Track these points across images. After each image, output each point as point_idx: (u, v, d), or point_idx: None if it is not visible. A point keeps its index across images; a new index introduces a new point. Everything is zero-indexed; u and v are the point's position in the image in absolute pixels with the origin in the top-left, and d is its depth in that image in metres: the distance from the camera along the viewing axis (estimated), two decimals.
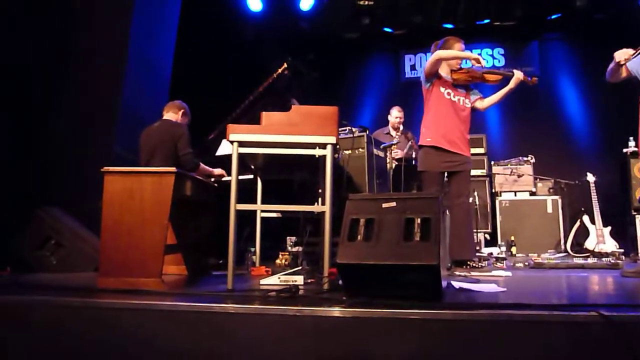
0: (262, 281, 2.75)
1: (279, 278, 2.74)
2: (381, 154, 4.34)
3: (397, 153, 4.62)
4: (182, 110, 3.83)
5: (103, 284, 2.66)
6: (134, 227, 2.72)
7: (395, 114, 5.21)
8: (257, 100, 4.14)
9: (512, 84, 3.58)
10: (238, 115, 4.18)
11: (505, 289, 2.53)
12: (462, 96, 3.63)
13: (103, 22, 4.65)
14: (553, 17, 7.06)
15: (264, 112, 2.75)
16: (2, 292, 2.43)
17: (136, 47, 4.73)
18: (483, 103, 3.73)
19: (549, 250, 5.36)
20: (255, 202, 3.53)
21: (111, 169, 2.80)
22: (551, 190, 5.87)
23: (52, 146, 4.41)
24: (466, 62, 3.64)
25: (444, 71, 3.64)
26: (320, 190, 3.34)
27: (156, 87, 5.07)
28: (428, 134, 3.57)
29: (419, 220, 2.23)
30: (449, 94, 3.59)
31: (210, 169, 3.86)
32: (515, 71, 3.59)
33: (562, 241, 5.44)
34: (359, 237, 2.26)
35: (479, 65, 3.46)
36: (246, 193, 3.21)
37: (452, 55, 3.49)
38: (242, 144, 2.68)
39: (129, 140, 4.09)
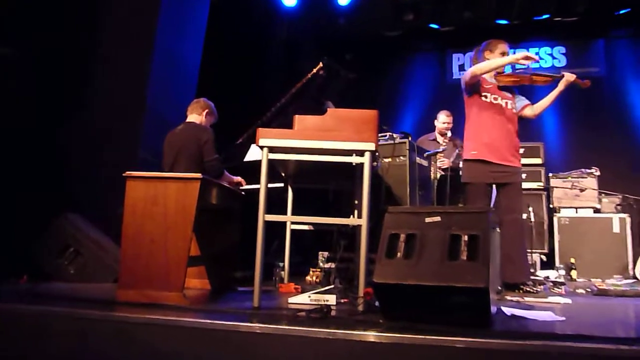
0: (291, 299, 2.76)
1: (309, 296, 2.74)
2: (425, 162, 4.31)
3: (443, 162, 4.57)
4: (206, 110, 3.87)
5: (122, 297, 2.72)
6: (157, 237, 2.78)
7: (443, 119, 5.15)
8: (290, 102, 4.18)
9: (561, 86, 3.53)
10: (269, 118, 4.24)
11: (563, 318, 2.48)
12: (508, 99, 3.58)
13: (128, 17, 4.78)
14: (621, 12, 6.86)
15: (296, 116, 2.79)
16: (18, 301, 2.51)
17: (162, 44, 4.84)
18: (534, 110, 3.68)
19: (614, 276, 5.16)
20: (285, 213, 3.54)
21: (134, 173, 2.87)
22: (618, 207, 5.66)
23: (74, 149, 4.56)
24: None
25: (487, 74, 3.59)
26: (356, 202, 3.33)
27: (183, 87, 5.18)
28: (472, 145, 3.54)
29: (465, 237, 2.21)
30: (495, 98, 3.54)
31: (230, 176, 3.91)
32: (565, 73, 3.55)
33: (630, 266, 5.22)
34: (398, 254, 2.25)
35: (527, 62, 3.38)
36: (276, 203, 3.32)
37: (490, 67, 3.43)
38: (272, 149, 2.71)
39: (154, 143, 4.20)
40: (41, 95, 4.47)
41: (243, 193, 3.85)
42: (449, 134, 5.11)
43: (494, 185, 3.59)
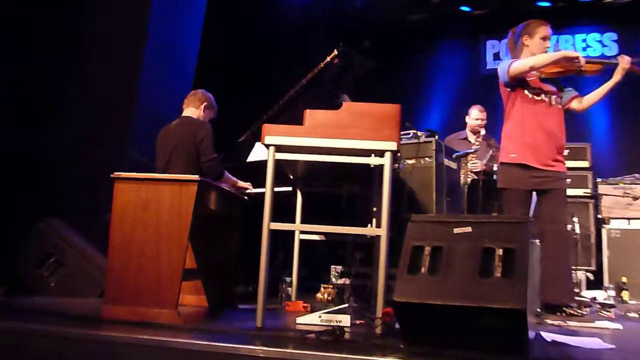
0: (299, 319, 2.76)
1: (319, 317, 2.74)
2: (454, 165, 4.30)
3: (475, 164, 4.55)
4: (204, 103, 3.88)
5: (108, 314, 2.74)
6: (148, 246, 2.80)
7: (476, 115, 5.12)
8: (300, 95, 4.18)
9: (617, 76, 3.46)
10: (276, 113, 4.24)
11: (612, 346, 2.46)
12: (553, 93, 3.54)
13: (118, 2, 4.83)
14: None
15: (307, 110, 2.80)
16: None
17: (156, 31, 4.87)
18: (582, 103, 3.63)
19: None
20: (294, 221, 3.56)
21: (122, 174, 2.89)
22: None
23: (57, 148, 4.60)
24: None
25: None
26: (374, 209, 3.34)
27: (179, 79, 5.21)
28: (511, 147, 3.50)
29: (500, 251, 2.20)
30: (537, 94, 3.49)
31: (234, 179, 3.92)
32: (620, 58, 3.47)
33: None
34: (422, 270, 2.25)
35: (580, 63, 3.34)
36: (283, 209, 3.34)
37: (548, 61, 3.35)
38: (279, 148, 2.72)
39: (146, 142, 4.23)
40: (19, 89, 4.52)
41: (246, 198, 3.87)
42: (482, 132, 5.06)
43: (534, 192, 3.55)
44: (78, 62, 4.77)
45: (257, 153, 4.41)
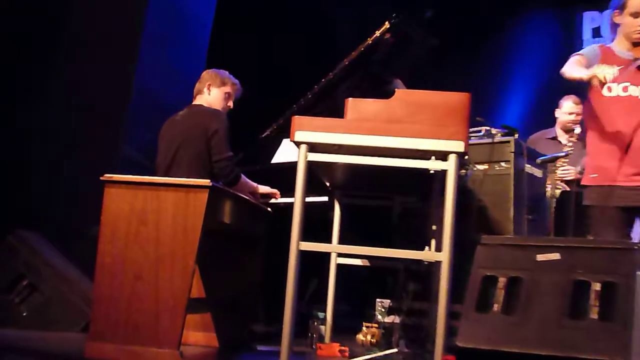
0: None
1: None
2: (539, 172, 4.23)
3: (567, 172, 4.47)
4: (222, 88, 3.87)
5: (93, 352, 2.74)
6: (145, 269, 2.82)
7: (569, 108, 5.02)
8: (341, 80, 4.14)
9: None
10: (309, 102, 4.22)
11: None
12: None
13: None
14: None
15: (350, 100, 2.79)
16: None
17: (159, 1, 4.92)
18: None
19: None
20: (330, 241, 3.53)
21: (114, 177, 2.90)
22: None
23: (33, 143, 4.64)
24: None
25: (620, 46, 3.47)
26: (434, 228, 3.32)
27: (188, 57, 5.21)
28: (591, 165, 3.51)
29: (597, 286, 2.19)
30: (625, 88, 3.40)
31: (254, 185, 3.89)
32: None
33: None
34: (495, 307, 2.28)
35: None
36: (316, 225, 3.27)
37: (574, 77, 3.35)
38: (313, 147, 2.72)
39: (145, 136, 4.24)
40: None
41: (269, 210, 3.87)
42: (577, 129, 4.90)
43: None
44: (62, 38, 4.83)
45: (285, 153, 4.40)
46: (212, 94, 3.85)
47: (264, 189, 3.96)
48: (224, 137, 3.66)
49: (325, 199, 3.78)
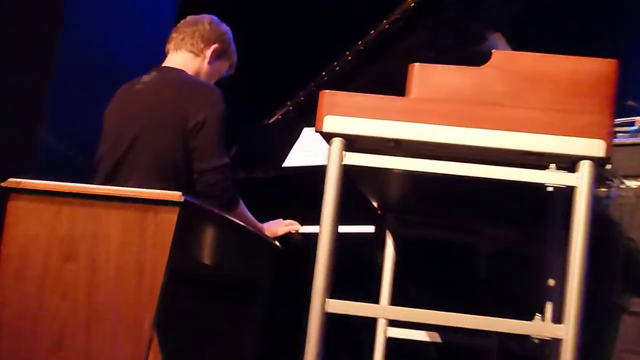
0: None
1: None
2: None
3: None
4: (212, 45, 3.11)
5: None
6: (69, 333, 2.29)
7: None
8: (398, 33, 3.53)
9: None
10: (347, 68, 3.63)
11: None
12: None
13: None
14: None
15: (416, 66, 2.21)
16: None
17: None
18: None
19: None
20: (375, 298, 2.93)
21: (24, 183, 2.35)
22: None
23: None
24: None
25: None
26: (550, 282, 2.78)
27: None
28: None
29: None
30: None
31: (257, 223, 3.19)
32: None
33: None
34: None
35: None
36: (354, 271, 2.80)
37: None
38: (353, 142, 2.11)
39: (77, 120, 3.75)
40: None
41: (278, 245, 3.22)
42: None
43: None
44: None
45: (305, 151, 3.75)
46: (210, 61, 3.16)
47: (275, 226, 3.27)
48: (216, 133, 2.92)
49: (371, 229, 3.11)
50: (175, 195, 2.28)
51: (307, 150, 3.67)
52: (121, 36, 4.30)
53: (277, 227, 3.28)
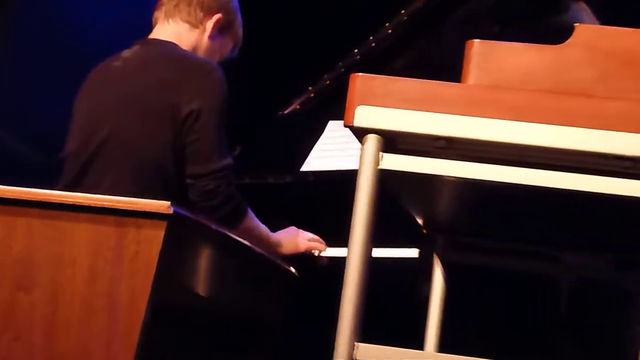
0: None
1: None
2: None
3: None
4: (214, 14, 2.77)
5: None
6: None
7: None
8: (449, 2, 3.26)
9: None
10: (385, 45, 3.30)
11: None
12: None
13: None
14: None
15: (476, 43, 1.98)
16: None
17: None
18: None
19: None
20: (419, 343, 2.58)
21: None
22: None
23: None
24: None
25: None
26: None
27: None
28: None
29: None
30: None
31: (269, 235, 2.93)
32: None
33: None
34: None
35: None
36: (394, 305, 2.74)
37: None
38: (392, 140, 1.89)
39: (40, 105, 3.50)
40: None
41: (294, 272, 2.88)
42: None
43: None
44: None
45: (330, 151, 3.48)
46: (210, 35, 2.86)
47: (297, 238, 2.93)
48: (216, 126, 2.62)
49: (414, 253, 2.84)
50: (162, 205, 1.95)
51: (332, 150, 3.41)
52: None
53: (299, 240, 2.94)
